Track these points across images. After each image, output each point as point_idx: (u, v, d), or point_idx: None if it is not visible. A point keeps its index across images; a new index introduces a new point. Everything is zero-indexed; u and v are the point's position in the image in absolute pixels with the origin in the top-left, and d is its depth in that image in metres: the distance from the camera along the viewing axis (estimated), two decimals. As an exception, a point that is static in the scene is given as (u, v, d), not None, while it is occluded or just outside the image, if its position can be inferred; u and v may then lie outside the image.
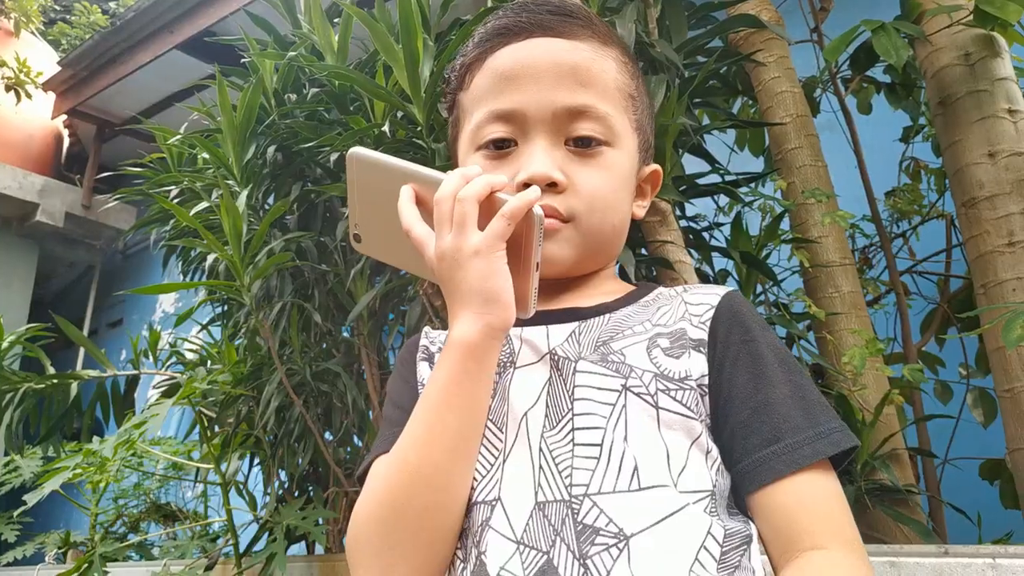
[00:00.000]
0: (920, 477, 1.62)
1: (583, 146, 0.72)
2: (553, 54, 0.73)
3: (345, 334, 1.93)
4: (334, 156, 1.73)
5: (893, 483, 1.31)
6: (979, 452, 1.73)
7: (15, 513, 2.69)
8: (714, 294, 0.73)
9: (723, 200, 1.86)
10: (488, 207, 0.63)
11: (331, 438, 1.87)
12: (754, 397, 0.65)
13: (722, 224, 1.72)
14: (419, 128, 1.43)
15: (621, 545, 0.57)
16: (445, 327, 0.83)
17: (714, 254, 1.58)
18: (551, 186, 0.70)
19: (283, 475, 1.96)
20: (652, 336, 0.69)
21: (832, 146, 1.77)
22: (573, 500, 0.60)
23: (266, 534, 1.83)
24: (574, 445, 0.62)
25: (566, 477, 0.61)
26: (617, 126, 0.74)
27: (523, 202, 0.62)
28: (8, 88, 5.73)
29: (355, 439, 1.93)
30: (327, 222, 1.90)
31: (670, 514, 0.59)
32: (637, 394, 0.64)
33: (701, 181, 1.57)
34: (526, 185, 0.70)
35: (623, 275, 1.20)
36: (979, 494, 1.65)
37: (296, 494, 1.95)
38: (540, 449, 0.63)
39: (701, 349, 0.68)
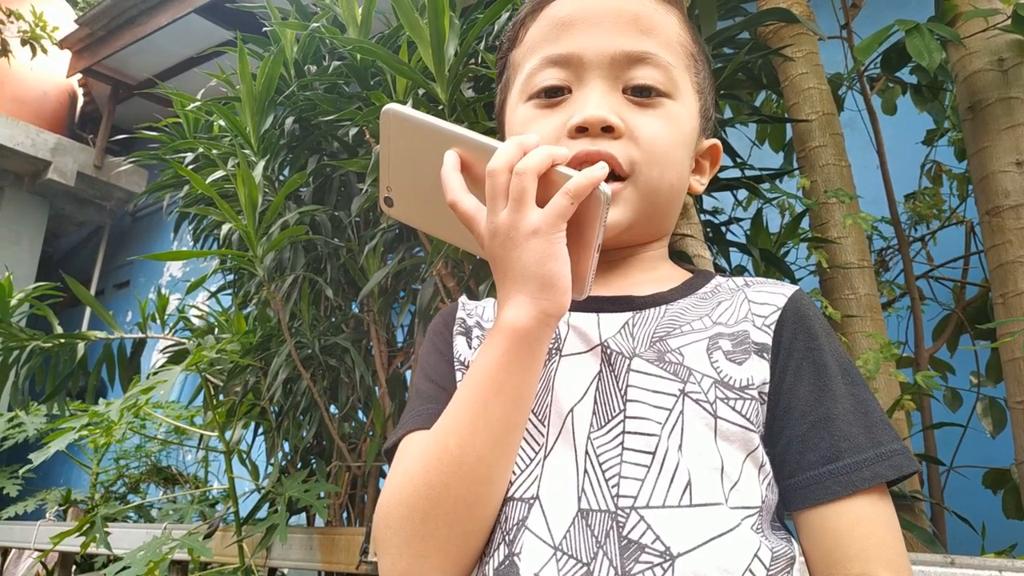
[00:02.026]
0: (924, 483, 1.62)
1: (642, 95, 0.68)
2: (615, 1, 0.69)
3: (355, 310, 1.93)
4: (353, 131, 1.71)
5: (899, 489, 1.31)
6: (981, 461, 1.73)
7: (21, 471, 2.71)
8: (780, 294, 0.68)
9: (742, 194, 1.85)
10: (546, 180, 0.57)
11: (336, 412, 1.88)
12: (815, 410, 0.62)
13: (741, 219, 1.71)
14: (441, 107, 1.41)
15: (666, 564, 0.54)
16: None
17: (731, 249, 1.57)
18: (607, 131, 0.66)
19: (287, 446, 1.96)
20: (713, 336, 0.65)
21: (853, 145, 1.75)
22: (619, 512, 0.57)
23: (267, 504, 1.84)
24: (623, 450, 0.59)
25: (613, 486, 0.58)
26: (678, 79, 0.70)
27: (589, 179, 0.56)
28: (24, 42, 5.70)
29: (360, 414, 1.94)
30: (342, 197, 1.88)
31: (720, 534, 0.56)
32: (696, 401, 0.60)
33: (722, 175, 1.55)
34: (579, 129, 0.66)
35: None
36: (980, 502, 1.65)
37: (299, 466, 1.96)
38: (586, 451, 0.60)
39: (764, 355, 0.64)
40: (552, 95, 0.69)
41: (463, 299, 0.79)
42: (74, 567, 2.70)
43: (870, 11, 2.01)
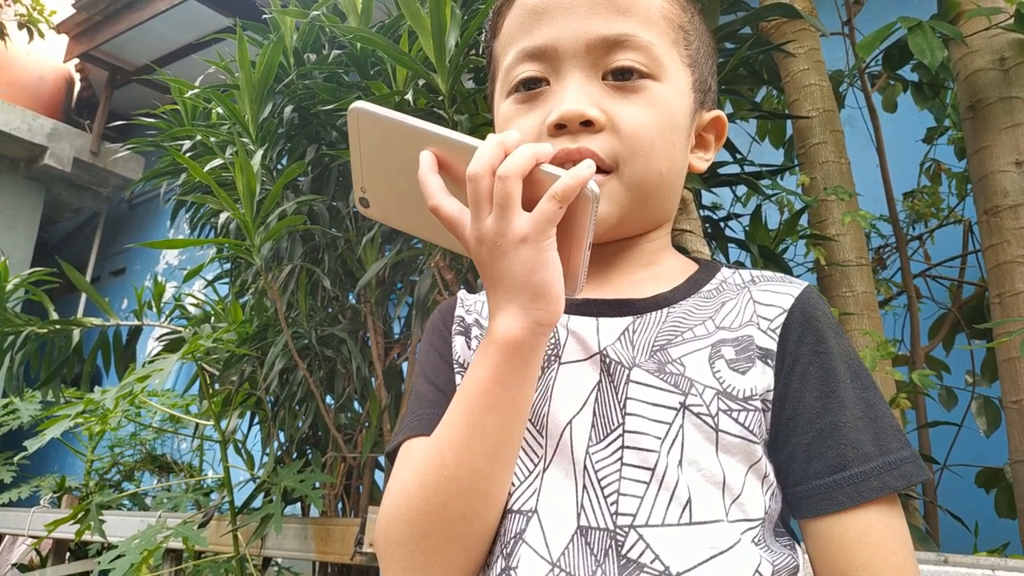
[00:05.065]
0: (917, 481, 1.62)
1: (623, 79, 0.64)
2: None
3: (352, 301, 1.92)
4: (352, 120, 1.70)
5: (893, 487, 1.31)
6: (975, 459, 1.73)
7: (15, 457, 2.71)
8: (787, 294, 0.65)
9: (741, 190, 1.85)
10: (531, 180, 0.54)
11: (332, 403, 1.87)
12: (821, 418, 0.59)
13: (740, 215, 1.71)
14: (441, 98, 1.41)
15: None
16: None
17: (730, 245, 1.57)
18: (586, 125, 0.62)
19: (282, 436, 1.96)
20: (715, 343, 0.62)
21: (853, 142, 1.75)
22: (618, 531, 0.56)
23: (262, 494, 1.84)
24: (623, 466, 0.58)
25: (612, 504, 0.57)
26: (663, 58, 0.66)
27: (576, 180, 0.53)
28: (21, 26, 5.66)
29: (356, 405, 1.94)
30: (340, 186, 1.88)
31: (720, 552, 0.55)
32: (696, 414, 0.59)
33: (722, 171, 1.55)
34: (558, 126, 0.63)
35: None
36: (973, 501, 1.65)
37: (294, 456, 1.96)
38: (585, 466, 0.59)
39: (769, 361, 0.61)
40: (530, 87, 0.67)
41: (462, 294, 0.76)
42: (68, 554, 2.70)
43: (872, 8, 2.01)
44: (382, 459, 1.90)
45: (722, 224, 1.64)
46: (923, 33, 1.47)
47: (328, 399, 1.87)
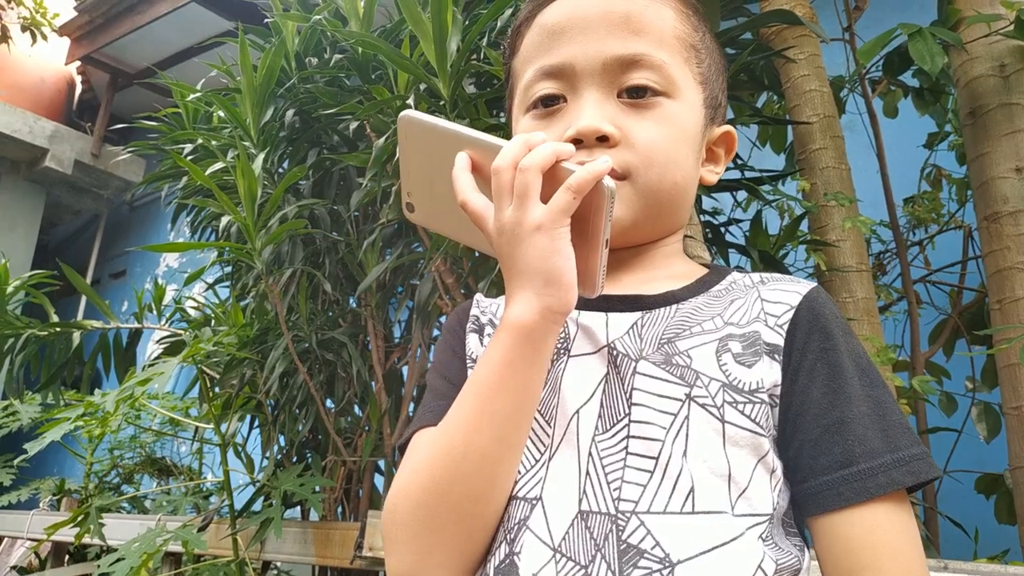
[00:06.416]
0: (918, 487, 1.62)
1: (637, 97, 0.67)
2: (603, 3, 0.68)
3: (353, 305, 1.92)
4: (353, 125, 1.71)
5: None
6: (975, 465, 1.73)
7: (16, 460, 2.71)
8: (794, 292, 0.66)
9: (741, 195, 1.85)
10: (552, 177, 0.58)
11: (332, 407, 1.87)
12: (829, 414, 0.59)
13: (740, 220, 1.71)
14: (442, 103, 1.41)
15: (665, 572, 0.54)
16: (455, 305, 0.80)
17: (730, 250, 1.57)
18: (602, 140, 0.65)
19: (282, 440, 1.96)
20: (723, 337, 0.63)
21: (853, 148, 1.75)
22: (619, 516, 0.56)
23: (262, 497, 1.84)
24: (627, 454, 0.59)
25: (615, 489, 0.57)
26: (676, 76, 0.68)
27: (591, 174, 0.56)
28: (24, 28, 5.67)
29: (356, 409, 1.94)
30: (341, 191, 1.88)
31: (722, 543, 0.55)
32: (702, 405, 0.59)
33: (723, 176, 1.55)
34: (575, 141, 0.65)
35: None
36: (973, 507, 1.65)
37: (294, 460, 1.95)
38: (589, 453, 0.59)
39: (776, 356, 0.62)
40: (549, 104, 0.69)
41: (479, 296, 0.78)
42: (67, 557, 2.70)
43: (873, 14, 2.02)
44: (382, 463, 1.90)
45: (723, 229, 1.65)
46: (923, 39, 1.48)
47: (328, 403, 1.87)
